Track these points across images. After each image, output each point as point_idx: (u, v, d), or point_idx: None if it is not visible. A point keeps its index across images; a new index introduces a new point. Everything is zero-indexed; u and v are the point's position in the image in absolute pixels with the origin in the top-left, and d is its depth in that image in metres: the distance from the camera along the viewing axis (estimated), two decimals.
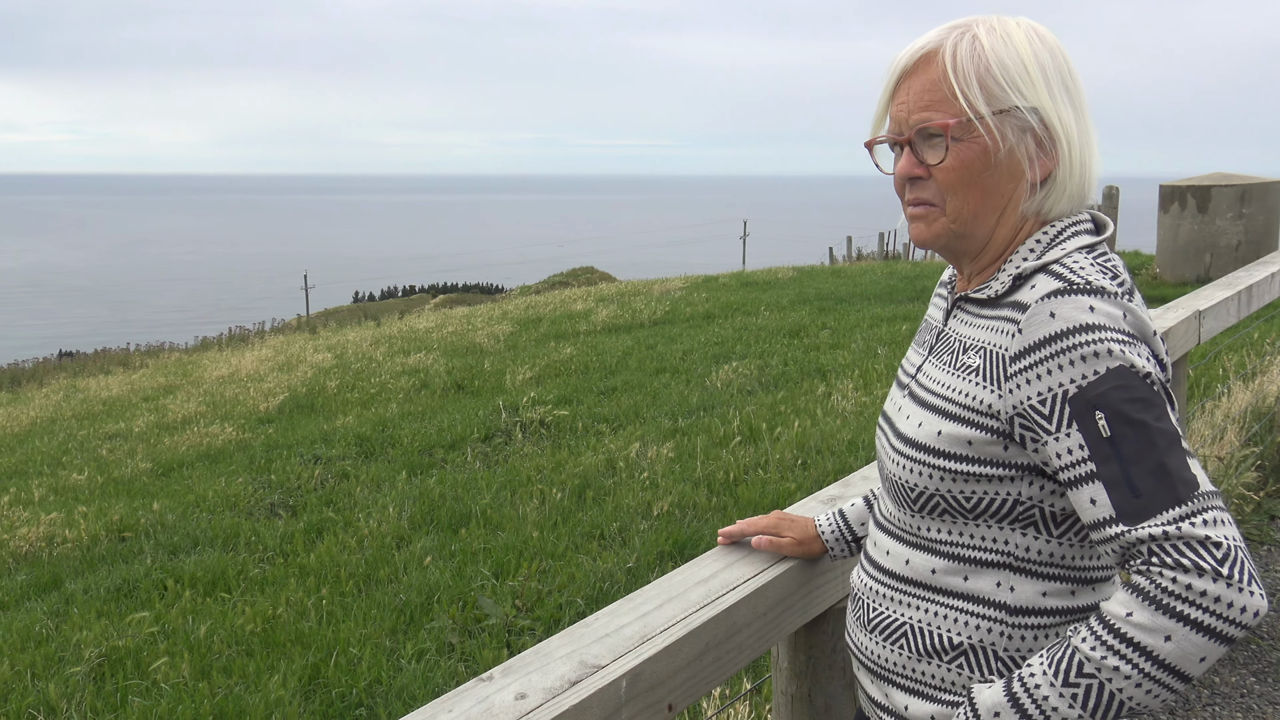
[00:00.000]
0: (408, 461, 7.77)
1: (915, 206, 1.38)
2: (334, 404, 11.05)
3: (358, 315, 34.68)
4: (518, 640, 4.25)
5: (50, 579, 6.10)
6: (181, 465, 9.01)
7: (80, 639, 4.83)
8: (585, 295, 19.18)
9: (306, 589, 5.19)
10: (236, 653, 4.53)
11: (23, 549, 6.75)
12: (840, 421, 7.09)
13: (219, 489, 7.60)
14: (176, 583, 5.50)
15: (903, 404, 1.47)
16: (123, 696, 4.22)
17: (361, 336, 18.31)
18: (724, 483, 6.03)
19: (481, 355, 12.95)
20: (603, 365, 10.79)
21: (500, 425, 8.35)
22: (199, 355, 21.29)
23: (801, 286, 16.01)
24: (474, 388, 10.81)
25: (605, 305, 16.25)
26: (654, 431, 7.51)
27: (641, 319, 14.22)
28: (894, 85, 1.38)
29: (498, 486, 6.58)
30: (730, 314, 13.73)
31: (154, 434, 10.75)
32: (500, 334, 14.65)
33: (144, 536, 6.65)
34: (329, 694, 4.06)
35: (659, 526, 5.38)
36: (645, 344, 11.79)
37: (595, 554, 5.15)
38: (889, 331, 10.98)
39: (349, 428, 9.30)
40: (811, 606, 1.88)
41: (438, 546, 5.60)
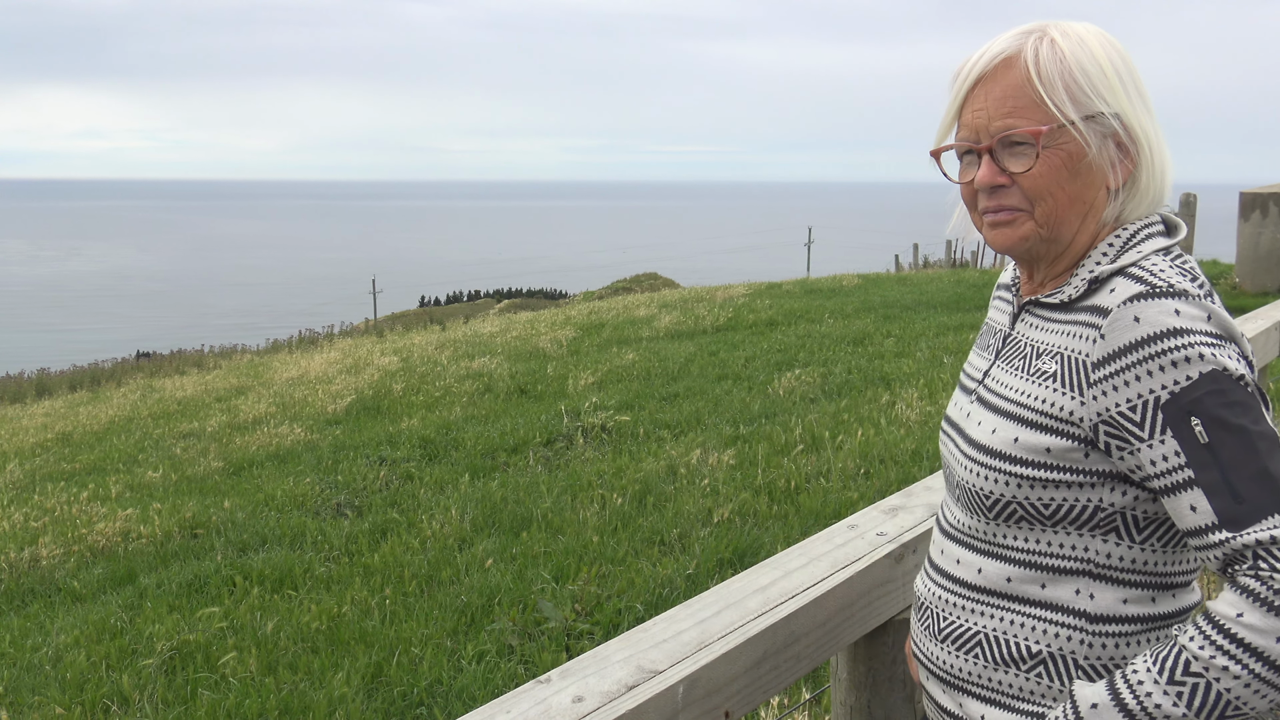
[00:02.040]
0: (470, 464, 7.85)
1: (997, 213, 1.36)
2: (399, 406, 11.20)
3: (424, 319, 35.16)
4: (577, 644, 4.26)
5: (125, 573, 6.28)
6: (252, 464, 9.21)
7: (153, 632, 4.96)
8: (648, 301, 19.22)
9: (370, 588, 5.27)
10: (302, 649, 4.61)
11: (100, 543, 6.96)
12: (904, 431, 7.00)
13: (287, 488, 7.75)
14: (245, 579, 5.62)
15: (971, 409, 1.45)
16: (192, 689, 4.32)
17: (427, 340, 18.56)
18: (785, 491, 5.99)
19: (544, 360, 13.04)
20: (665, 371, 10.79)
21: (562, 429, 8.40)
22: (270, 357, 21.75)
23: (866, 294, 15.85)
24: (537, 392, 10.89)
25: (668, 311, 16.26)
26: (715, 438, 7.49)
27: (704, 325, 14.20)
28: (967, 91, 1.36)
29: (559, 490, 6.61)
30: (793, 321, 13.65)
31: (226, 434, 11.01)
32: (563, 339, 14.74)
33: (215, 534, 6.81)
34: (391, 692, 4.11)
35: (719, 533, 5.36)
36: (708, 350, 11.76)
37: (655, 560, 5.15)
38: (955, 340, 10.82)
39: (414, 430, 9.43)
40: (871, 617, 1.86)
41: (499, 549, 5.64)
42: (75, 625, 5.31)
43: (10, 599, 6.18)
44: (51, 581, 6.36)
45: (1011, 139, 1.31)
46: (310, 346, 23.52)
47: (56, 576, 6.43)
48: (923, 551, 1.94)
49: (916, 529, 1.97)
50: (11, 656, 5.04)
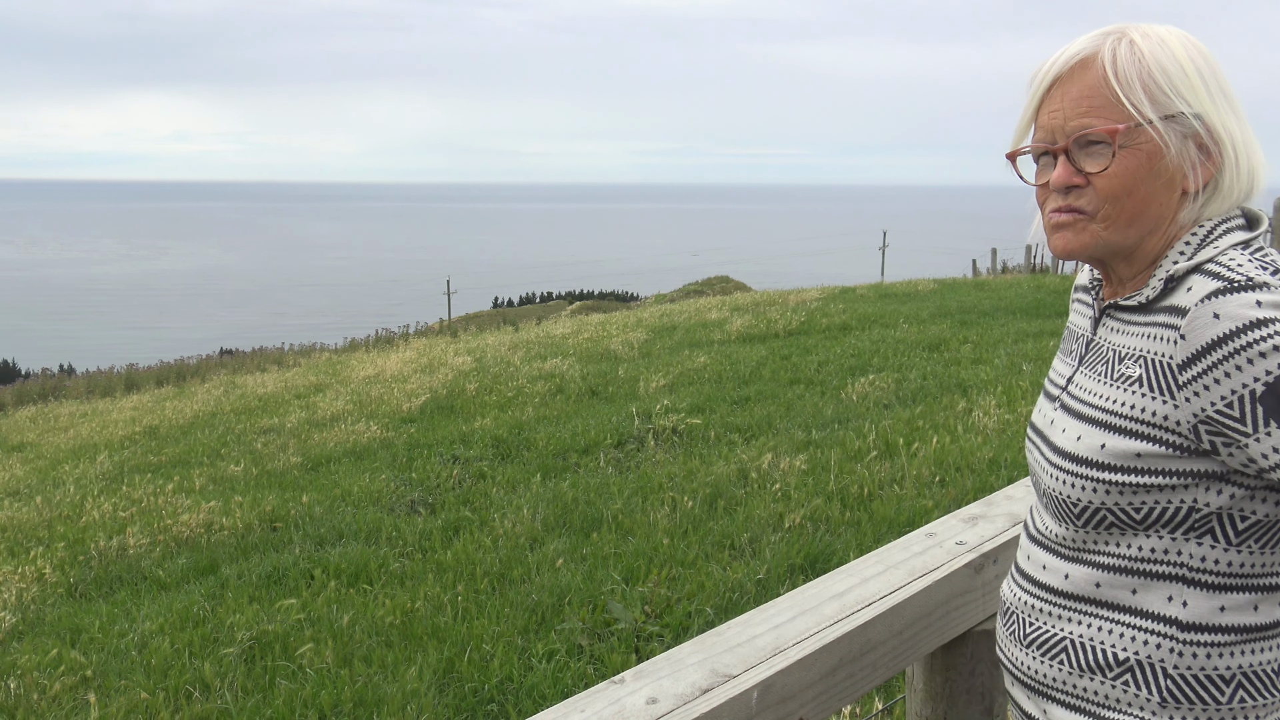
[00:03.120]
0: (542, 464, 7.91)
1: (1064, 214, 1.33)
2: (473, 406, 11.34)
3: (497, 320, 35.56)
4: (646, 646, 4.27)
5: (208, 563, 6.46)
6: (329, 460, 9.40)
7: (234, 622, 5.09)
8: (720, 304, 19.17)
9: (443, 585, 5.34)
10: (376, 643, 4.69)
11: (184, 534, 7.17)
12: (981, 439, 6.87)
13: (363, 485, 7.90)
14: (323, 573, 5.74)
15: (1055, 417, 1.42)
16: (271, 678, 4.43)
17: (500, 341, 18.76)
18: (858, 497, 5.92)
19: (616, 362, 13.09)
20: (736, 375, 10.75)
21: (633, 431, 8.42)
22: (347, 356, 22.19)
23: (942, 299, 15.61)
24: (608, 394, 10.93)
25: (740, 315, 16.20)
26: (787, 443, 7.44)
27: (776, 329, 14.11)
28: (1044, 93, 1.34)
29: (629, 492, 6.63)
30: (867, 326, 13.50)
31: (305, 430, 11.26)
32: (635, 341, 14.78)
33: (293, 527, 6.97)
34: (462, 688, 4.16)
35: (790, 539, 5.32)
36: (780, 354, 11.69)
37: (725, 563, 5.13)
38: (1035, 347, 10.59)
39: (486, 429, 9.54)
40: (950, 627, 1.83)
41: (569, 549, 5.68)
42: (160, 613, 5.48)
43: (99, 586, 6.40)
44: (138, 570, 6.56)
45: (1087, 138, 1.29)
46: (386, 346, 23.93)
47: (143, 565, 6.64)
48: (1004, 562, 1.91)
49: (997, 539, 1.93)
50: (100, 641, 5.22)
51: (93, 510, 8.35)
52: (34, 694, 4.63)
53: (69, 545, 7.28)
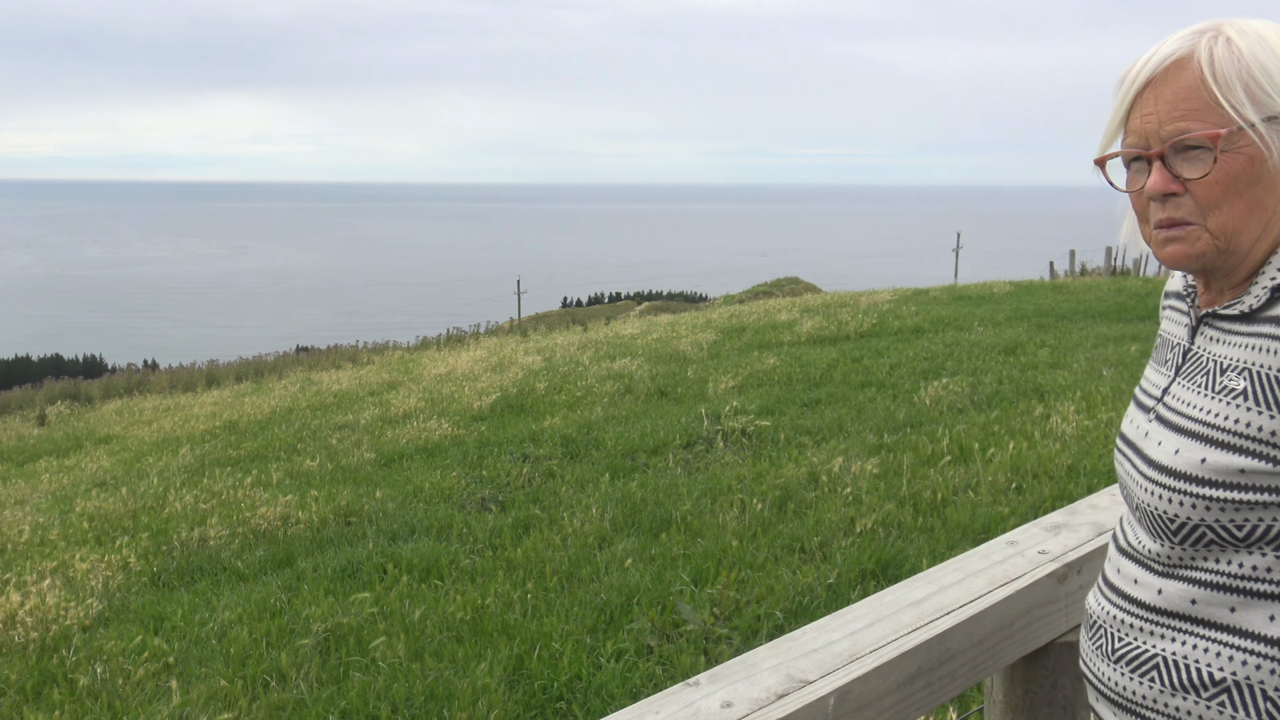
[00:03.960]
0: (611, 464, 7.94)
1: (1171, 228, 1.28)
2: (542, 405, 11.42)
3: (566, 320, 35.79)
4: (714, 648, 4.25)
5: (284, 556, 6.60)
6: (402, 457, 9.55)
7: (309, 614, 5.20)
8: (790, 306, 19.04)
9: (513, 582, 5.39)
10: (447, 638, 4.75)
11: (262, 526, 7.34)
12: (1059, 445, 6.71)
13: (435, 481, 8.00)
14: (395, 567, 5.83)
15: (1150, 429, 1.37)
16: (345, 670, 4.51)
17: (569, 341, 18.87)
18: (931, 503, 5.83)
19: (685, 363, 13.07)
20: (806, 377, 10.66)
21: (702, 433, 8.40)
22: (419, 354, 22.53)
23: (1019, 301, 15.30)
24: (677, 394, 10.92)
25: (810, 316, 16.07)
26: (858, 446, 7.35)
27: (847, 331, 13.97)
28: (1135, 95, 1.29)
29: (698, 494, 6.62)
30: (941, 329, 13.29)
31: (378, 426, 11.45)
32: (704, 342, 14.75)
33: (367, 522, 7.09)
34: (532, 685, 4.19)
35: (861, 544, 5.26)
36: (851, 357, 11.57)
37: (795, 567, 5.09)
38: (1115, 352, 10.32)
39: (556, 429, 9.60)
40: (1031, 639, 1.79)
41: (638, 549, 5.68)
42: (239, 603, 5.62)
43: (181, 575, 6.58)
44: (218, 561, 6.74)
45: (1185, 144, 1.24)
46: (457, 344, 24.25)
47: (222, 556, 6.81)
48: (1088, 572, 1.85)
49: (1081, 549, 1.88)
50: (182, 630, 5.36)
51: (175, 502, 8.60)
52: (119, 679, 4.77)
53: (153, 535, 7.50)
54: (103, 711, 4.44)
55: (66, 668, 5.03)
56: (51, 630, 5.60)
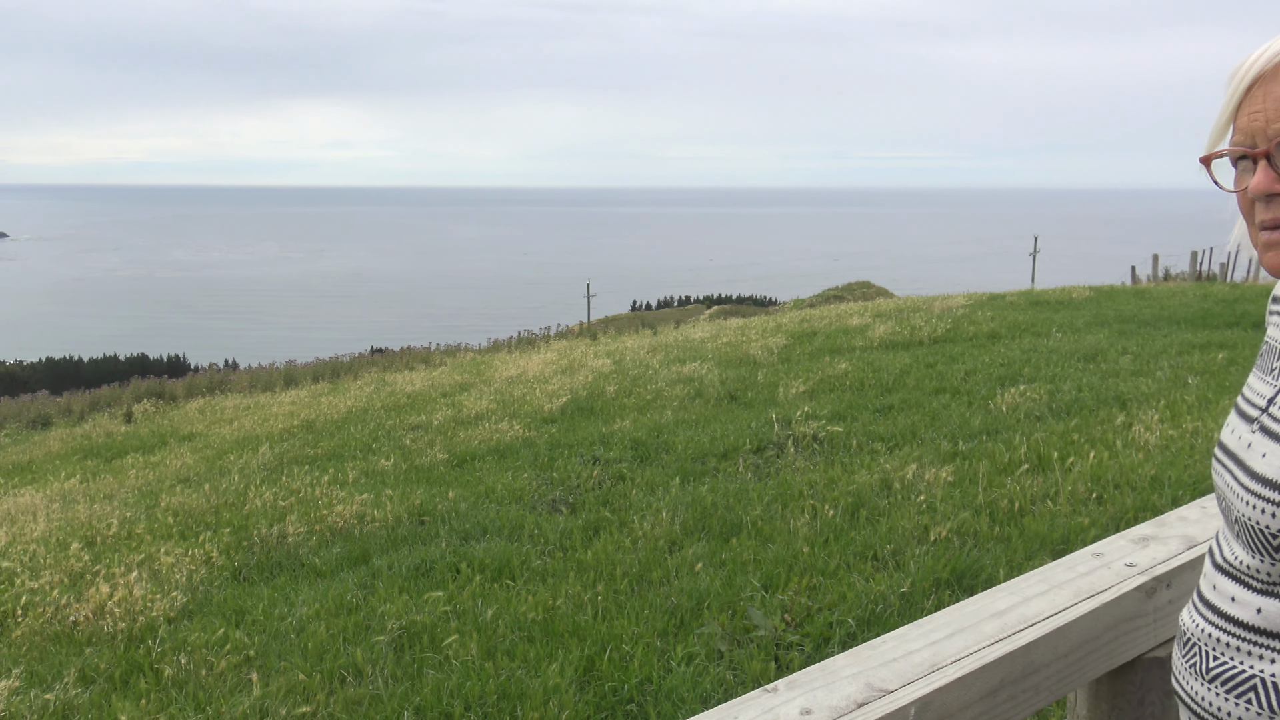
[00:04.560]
0: (681, 468, 7.93)
1: (1275, 230, 1.24)
2: (612, 408, 11.46)
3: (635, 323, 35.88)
4: (785, 654, 4.22)
5: (360, 553, 6.72)
6: (474, 458, 9.66)
7: (384, 611, 5.29)
8: (861, 310, 18.84)
9: (584, 583, 5.41)
10: (519, 638, 4.79)
11: (338, 524, 7.49)
12: (1143, 455, 6.53)
13: (506, 482, 8.08)
14: (468, 567, 5.90)
15: (1253, 440, 1.33)
16: (419, 667, 4.57)
17: (639, 344, 18.92)
18: (1008, 512, 5.71)
19: (755, 367, 13.02)
20: (879, 382, 10.54)
21: (772, 438, 8.35)
22: (490, 356, 22.78)
23: (1099, 307, 14.93)
24: (747, 399, 10.88)
25: (882, 321, 15.88)
26: (932, 453, 7.24)
27: (920, 336, 13.78)
28: (1244, 92, 1.25)
29: (769, 499, 6.58)
30: (1018, 334, 13.03)
31: (450, 427, 11.60)
32: (774, 346, 14.66)
33: (440, 522, 7.18)
34: (602, 687, 4.20)
35: (936, 552, 5.18)
36: (924, 362, 11.40)
37: (868, 575, 5.03)
38: (1202, 360, 10.01)
39: (626, 432, 9.63)
40: (1118, 653, 1.75)
41: (708, 553, 5.67)
42: (316, 599, 5.74)
43: (261, 570, 6.74)
44: (296, 557, 6.89)
45: None
46: (528, 347, 24.46)
47: (300, 553, 6.96)
48: (1178, 587, 1.81)
49: (1170, 562, 1.83)
50: (262, 624, 5.49)
51: (255, 499, 8.81)
52: (202, 670, 4.91)
53: (234, 531, 7.69)
54: (187, 702, 4.57)
55: (152, 658, 5.18)
56: (138, 621, 5.78)
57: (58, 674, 5.17)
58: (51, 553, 7.93)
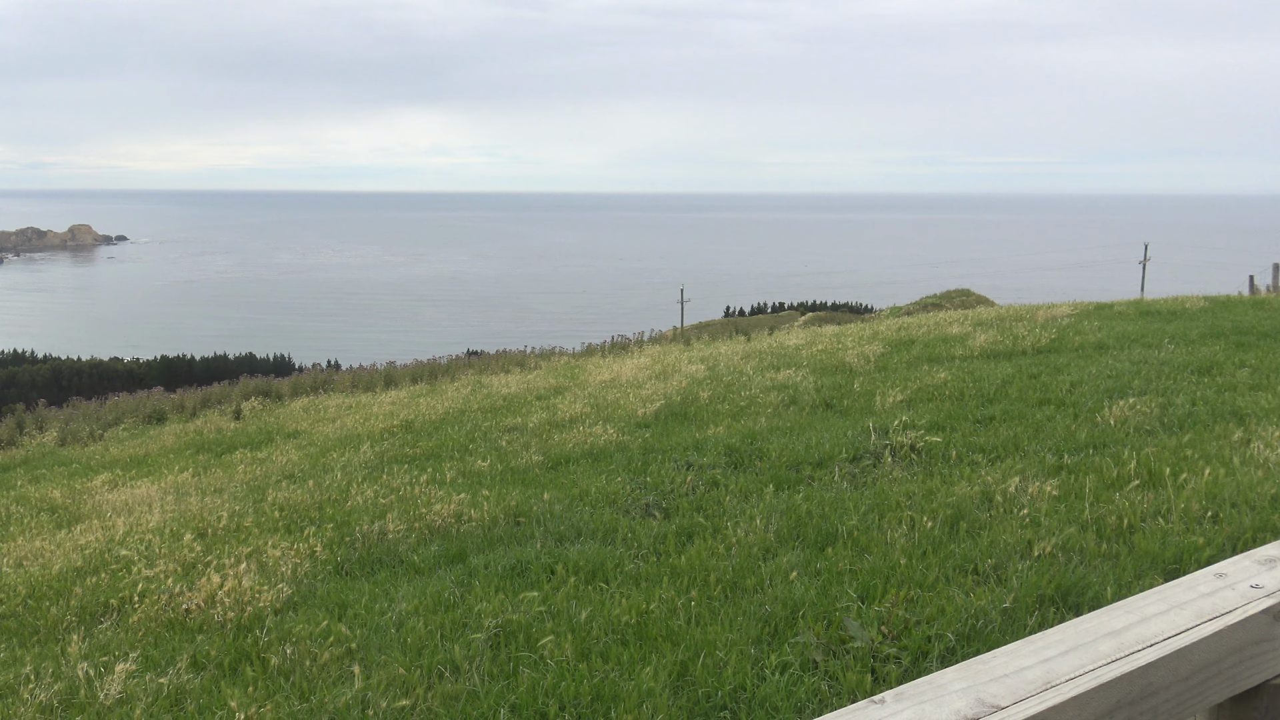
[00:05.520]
0: (775, 475, 7.88)
1: None
2: (705, 414, 11.45)
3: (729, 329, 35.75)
4: (883, 667, 4.16)
5: (457, 552, 6.84)
6: (568, 460, 9.74)
7: (481, 609, 5.37)
8: (961, 319, 18.45)
9: (677, 588, 5.41)
10: (612, 640, 4.82)
11: (436, 523, 7.64)
12: (1262, 473, 6.25)
13: (600, 486, 8.14)
14: (563, 568, 5.95)
15: None
16: (514, 666, 4.63)
17: (733, 350, 18.85)
18: (1116, 529, 5.52)
19: (851, 375, 12.85)
20: (980, 392, 10.30)
21: (869, 447, 8.23)
22: (584, 360, 22.96)
23: (1214, 318, 14.33)
24: (842, 407, 10.74)
25: (983, 330, 15.52)
26: (1035, 466, 7.05)
27: (1023, 346, 13.42)
28: None
29: (865, 509, 6.49)
30: (1126, 345, 12.59)
31: (545, 430, 11.73)
32: (870, 354, 14.46)
33: (535, 523, 7.27)
34: (695, 692, 4.20)
35: (1039, 568, 5.03)
36: (1027, 373, 11.11)
37: (968, 589, 4.92)
38: None
39: (719, 438, 9.60)
40: (1242, 678, 1.68)
41: (803, 562, 5.62)
42: (415, 595, 5.86)
43: (362, 566, 6.92)
44: (396, 554, 7.05)
45: None
46: (621, 351, 24.58)
47: (400, 550, 7.12)
48: None
49: None
50: (363, 618, 5.63)
51: (356, 496, 9.04)
52: (306, 660, 5.06)
53: (337, 527, 7.91)
54: (292, 691, 4.71)
55: (259, 647, 5.36)
56: (246, 611, 5.99)
57: (171, 659, 5.38)
58: (166, 543, 8.28)
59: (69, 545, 9.06)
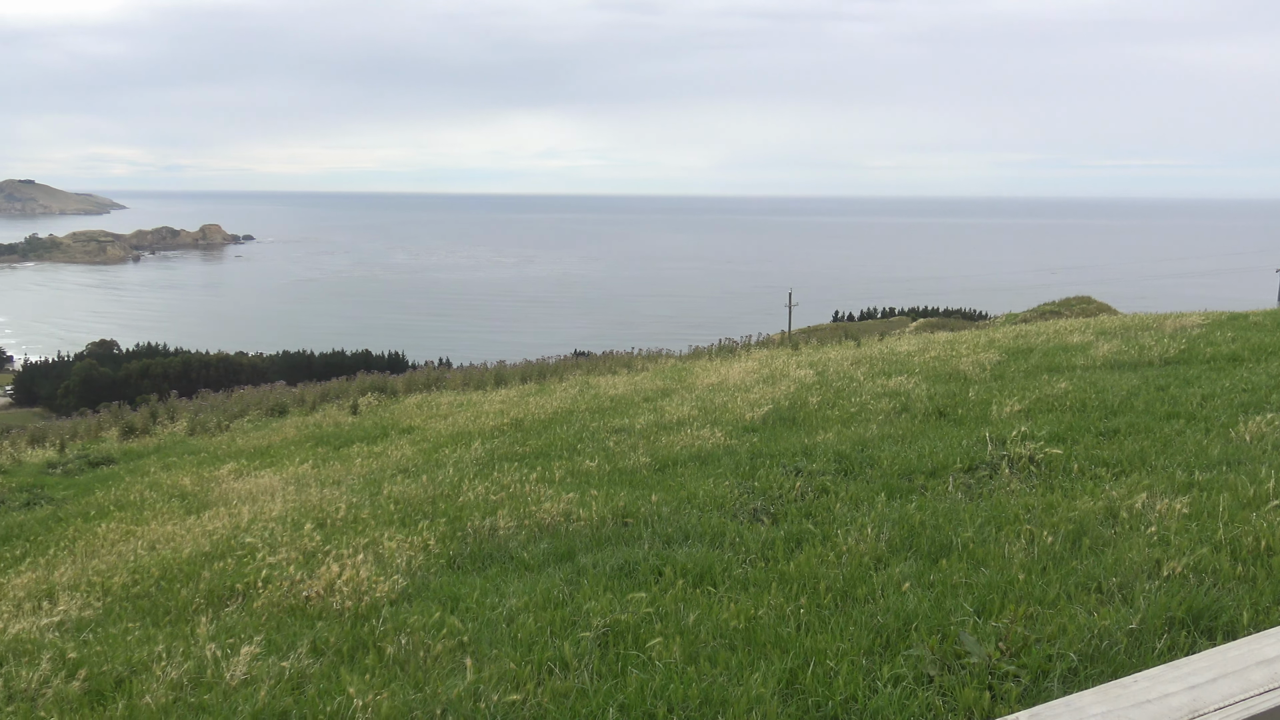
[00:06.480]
0: (886, 484, 7.73)
1: None
2: (815, 419, 11.31)
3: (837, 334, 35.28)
4: (1000, 685, 4.03)
5: (566, 550, 6.92)
6: (675, 463, 9.75)
7: (589, 608, 5.41)
8: (1083, 327, 17.81)
9: (786, 595, 5.36)
10: (721, 645, 4.80)
11: (546, 521, 7.73)
12: None
13: (708, 489, 8.12)
14: (671, 570, 5.96)
15: None
16: (623, 666, 4.65)
17: (842, 355, 18.59)
18: (1253, 550, 5.24)
19: (965, 383, 12.54)
20: (1103, 404, 9.92)
21: (985, 457, 8.01)
22: (691, 363, 22.94)
23: None
24: (956, 416, 10.49)
25: (1106, 339, 14.96)
26: (1164, 482, 6.75)
27: (1150, 357, 12.88)
28: None
29: (981, 521, 6.31)
30: (1264, 357, 11.96)
31: (652, 432, 11.76)
32: (986, 362, 14.08)
33: (643, 524, 7.29)
34: (805, 701, 4.15)
35: (1169, 589, 4.82)
36: (1154, 384, 10.66)
37: (1091, 608, 4.74)
38: None
39: (829, 444, 9.48)
40: None
41: (916, 573, 5.50)
42: (525, 591, 5.94)
43: (474, 560, 7.05)
44: (506, 550, 7.16)
45: None
46: (729, 355, 24.48)
47: (510, 546, 7.23)
48: None
49: None
50: (474, 611, 5.74)
51: (468, 492, 9.23)
52: (420, 651, 5.18)
53: (449, 521, 8.08)
54: (407, 680, 4.83)
55: (376, 636, 5.51)
56: (364, 600, 6.16)
57: (292, 644, 5.58)
58: (287, 531, 8.58)
59: (198, 530, 9.48)
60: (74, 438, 20.48)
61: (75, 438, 20.49)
